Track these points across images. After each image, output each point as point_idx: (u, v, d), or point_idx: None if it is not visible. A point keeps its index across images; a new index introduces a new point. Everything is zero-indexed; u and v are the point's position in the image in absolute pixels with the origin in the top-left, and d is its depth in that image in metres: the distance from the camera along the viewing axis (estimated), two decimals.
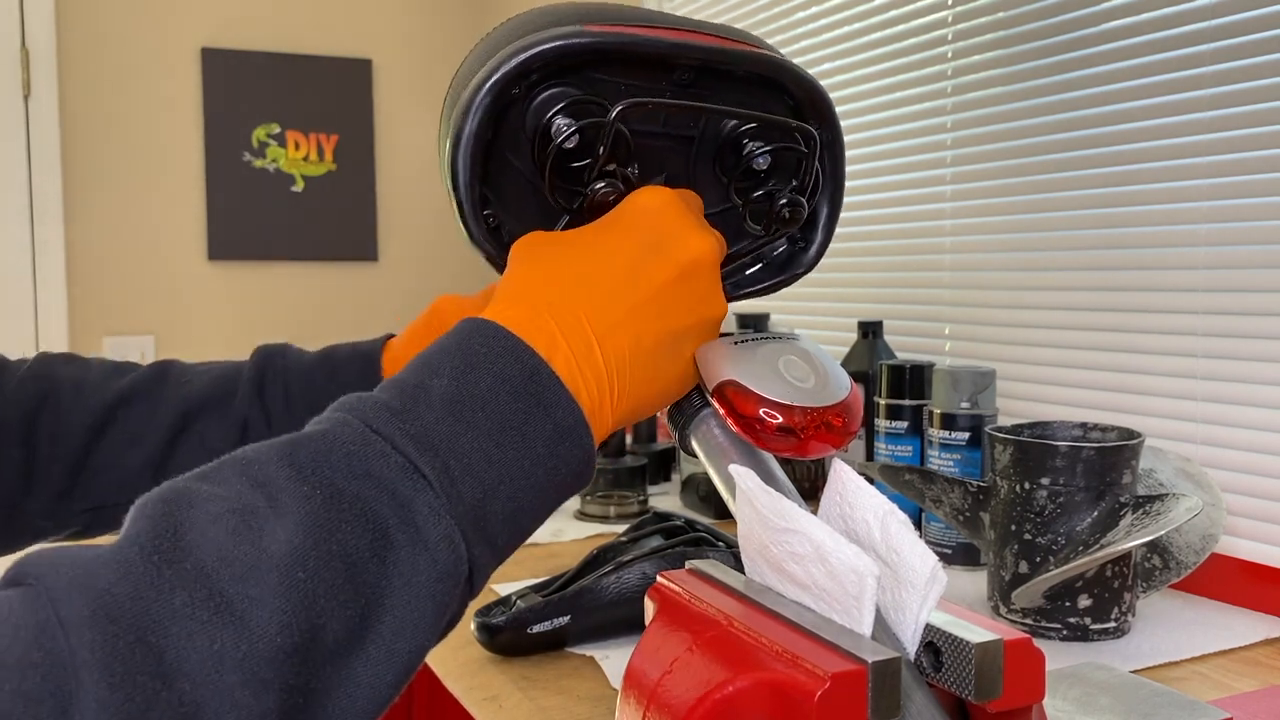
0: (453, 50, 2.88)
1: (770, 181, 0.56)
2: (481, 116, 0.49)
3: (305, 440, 0.40)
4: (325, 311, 2.79)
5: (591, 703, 0.80)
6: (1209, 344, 1.06)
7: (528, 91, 0.51)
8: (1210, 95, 1.05)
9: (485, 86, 0.49)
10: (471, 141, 0.49)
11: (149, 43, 2.58)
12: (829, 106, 0.56)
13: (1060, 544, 0.89)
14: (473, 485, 0.40)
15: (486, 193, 0.52)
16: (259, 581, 0.35)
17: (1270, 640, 0.90)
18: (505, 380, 0.42)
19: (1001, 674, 0.38)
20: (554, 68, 0.50)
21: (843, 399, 0.48)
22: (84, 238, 2.53)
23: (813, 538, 0.41)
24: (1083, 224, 1.20)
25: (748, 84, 0.55)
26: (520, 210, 0.53)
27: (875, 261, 1.54)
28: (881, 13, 1.50)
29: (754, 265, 0.59)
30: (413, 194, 2.86)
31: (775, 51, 0.55)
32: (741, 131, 0.55)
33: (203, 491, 0.37)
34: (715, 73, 0.54)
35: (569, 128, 0.50)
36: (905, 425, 1.20)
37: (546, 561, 1.17)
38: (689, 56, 0.52)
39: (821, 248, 0.59)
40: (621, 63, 0.52)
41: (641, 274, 0.48)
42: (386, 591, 0.38)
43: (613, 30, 0.50)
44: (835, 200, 0.58)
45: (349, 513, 0.38)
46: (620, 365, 0.46)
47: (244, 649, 0.34)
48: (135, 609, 0.33)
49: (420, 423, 0.40)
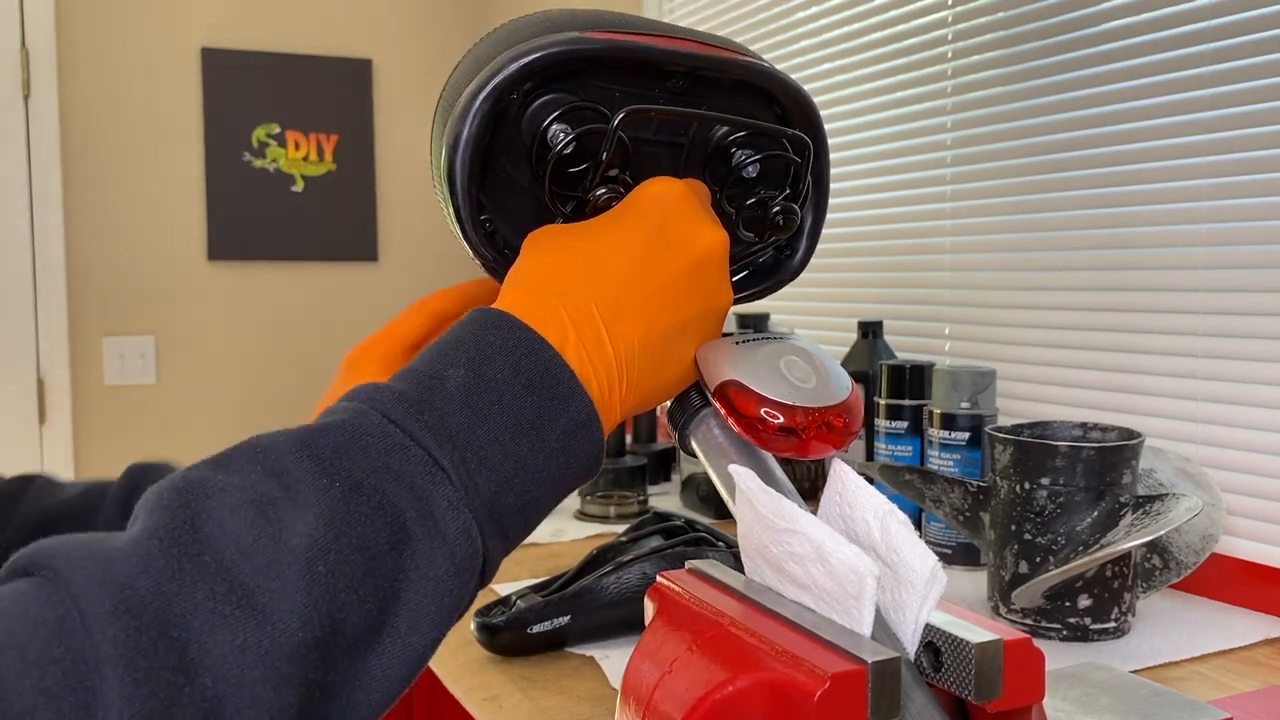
0: (453, 50, 2.88)
1: (758, 189, 0.57)
2: (480, 121, 0.49)
3: (322, 430, 0.39)
4: (325, 311, 2.79)
5: (591, 703, 0.80)
6: (1209, 344, 1.06)
7: (524, 97, 0.51)
8: (1210, 95, 1.05)
9: (484, 91, 0.49)
10: (470, 146, 0.49)
11: (149, 43, 2.58)
12: (816, 114, 0.56)
13: (1060, 544, 0.89)
14: (489, 478, 0.40)
15: (482, 198, 0.52)
16: (280, 575, 0.34)
17: (1270, 640, 0.90)
18: (520, 373, 0.42)
19: (1001, 674, 0.38)
20: (551, 74, 0.50)
21: (844, 399, 0.48)
22: (84, 238, 2.53)
23: (813, 538, 0.41)
24: (1083, 224, 1.20)
25: (737, 92, 0.55)
26: (515, 215, 0.53)
27: (875, 261, 1.54)
28: (881, 13, 1.50)
29: (741, 272, 0.59)
30: (413, 194, 2.86)
31: (765, 61, 0.56)
32: (731, 140, 0.55)
33: (218, 481, 0.36)
34: (707, 81, 0.54)
35: (567, 134, 0.50)
36: (905, 425, 1.20)
37: (546, 561, 1.17)
38: (684, 63, 0.52)
39: (807, 254, 0.59)
40: (618, 69, 0.52)
41: (653, 265, 0.48)
42: (403, 585, 0.38)
43: (611, 37, 0.50)
44: (820, 208, 0.59)
45: (368, 505, 0.37)
46: (630, 356, 0.46)
47: (266, 644, 0.33)
48: (157, 603, 0.32)
49: (438, 414, 0.40)
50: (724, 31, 1.88)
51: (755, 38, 1.79)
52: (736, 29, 1.85)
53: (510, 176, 0.52)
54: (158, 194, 2.61)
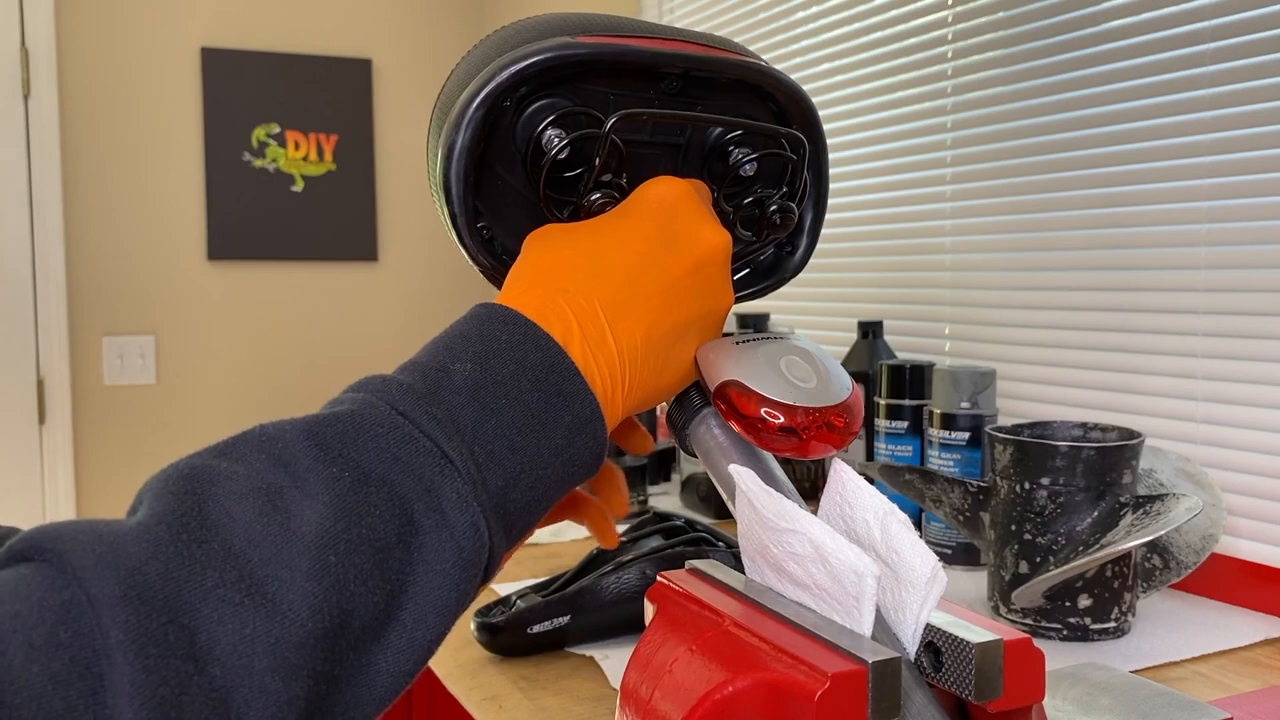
0: (453, 50, 2.88)
1: (756, 188, 0.56)
2: (474, 129, 0.49)
3: (331, 420, 0.39)
4: (325, 311, 2.79)
5: (591, 703, 0.80)
6: (1209, 344, 1.06)
7: (518, 104, 0.51)
8: (1210, 95, 1.05)
9: (477, 99, 0.49)
10: (465, 155, 0.49)
11: (149, 43, 2.58)
12: (813, 112, 0.56)
13: (1060, 544, 0.89)
14: (497, 473, 0.40)
15: (479, 205, 0.52)
16: (289, 564, 0.34)
17: (1270, 640, 0.90)
18: (526, 368, 0.42)
19: (1001, 674, 0.38)
20: (545, 79, 0.50)
21: (844, 399, 0.48)
22: (84, 238, 2.54)
23: (813, 538, 0.41)
24: (1083, 224, 1.20)
25: (733, 91, 0.55)
26: (512, 223, 0.53)
27: (875, 261, 1.54)
28: (881, 13, 1.50)
29: (742, 270, 0.59)
30: (413, 194, 2.86)
31: (760, 59, 0.55)
32: (728, 139, 0.55)
33: (223, 468, 0.36)
34: (702, 81, 0.54)
35: (561, 139, 0.50)
36: (905, 425, 1.20)
37: (546, 561, 1.17)
38: (677, 65, 0.52)
39: (807, 252, 0.59)
40: (611, 73, 0.52)
41: (656, 265, 0.48)
42: (410, 579, 0.37)
43: (603, 41, 0.50)
44: (820, 205, 0.59)
45: (376, 496, 0.37)
46: (633, 355, 0.46)
47: (275, 634, 0.33)
48: (167, 590, 0.32)
49: (446, 407, 0.40)
50: (724, 32, 1.88)
51: (755, 38, 1.79)
52: (736, 29, 1.85)
53: (506, 183, 0.52)
54: (158, 194, 2.61)
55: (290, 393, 2.73)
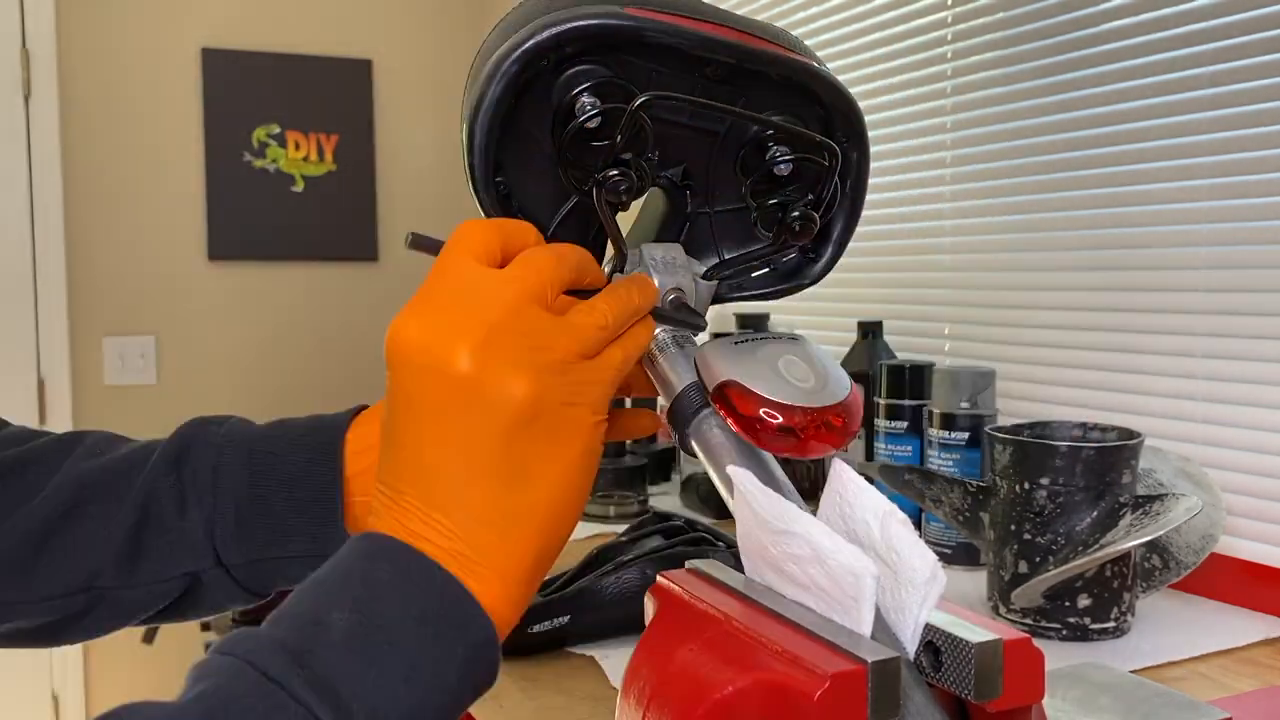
0: (453, 50, 2.88)
1: (789, 188, 0.55)
2: (505, 84, 0.48)
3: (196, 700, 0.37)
4: (325, 311, 2.79)
5: (592, 703, 0.80)
6: (1210, 344, 1.06)
7: (557, 65, 0.50)
8: (1210, 95, 1.05)
9: (513, 55, 0.48)
10: (493, 107, 0.49)
11: (149, 43, 2.58)
12: (860, 122, 0.55)
13: (1060, 544, 0.89)
14: None
15: (501, 160, 0.51)
16: None
17: (1270, 640, 0.90)
18: (411, 606, 0.40)
19: (1001, 674, 0.38)
20: (587, 45, 0.50)
21: (843, 399, 0.48)
22: (84, 238, 2.53)
23: (812, 538, 0.41)
24: (1083, 224, 1.20)
25: (782, 88, 0.54)
26: (533, 184, 0.52)
27: (875, 261, 1.54)
28: (881, 13, 1.50)
29: (761, 269, 0.58)
30: (413, 194, 2.86)
31: (815, 59, 0.54)
32: (768, 135, 0.54)
33: None
34: (749, 73, 0.53)
35: (593, 107, 0.50)
36: (905, 425, 1.20)
37: None
38: (723, 53, 0.51)
39: (831, 262, 0.58)
40: (655, 50, 0.51)
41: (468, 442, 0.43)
42: None
43: (651, 17, 0.49)
44: (852, 217, 0.57)
45: None
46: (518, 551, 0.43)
47: None
48: None
49: (321, 664, 0.38)
50: None
51: None
52: None
53: (535, 143, 0.52)
54: (158, 194, 2.61)
55: (290, 392, 2.73)
